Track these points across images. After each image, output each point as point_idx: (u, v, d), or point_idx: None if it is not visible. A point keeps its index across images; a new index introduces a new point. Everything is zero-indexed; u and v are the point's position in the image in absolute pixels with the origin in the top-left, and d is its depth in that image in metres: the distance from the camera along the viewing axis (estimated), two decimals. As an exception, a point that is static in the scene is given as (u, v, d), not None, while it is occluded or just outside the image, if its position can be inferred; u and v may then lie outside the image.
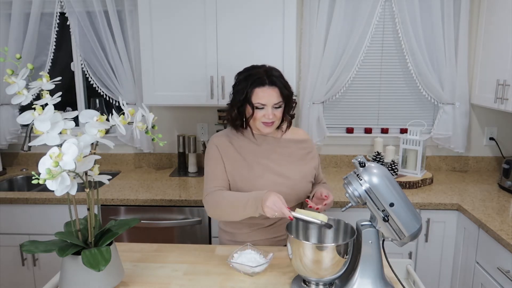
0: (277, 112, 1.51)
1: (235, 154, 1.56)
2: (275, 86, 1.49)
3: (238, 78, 1.55)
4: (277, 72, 1.53)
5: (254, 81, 1.48)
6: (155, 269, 1.38)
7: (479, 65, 2.49)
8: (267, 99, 1.48)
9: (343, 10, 2.48)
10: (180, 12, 2.27)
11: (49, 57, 2.66)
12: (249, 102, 1.50)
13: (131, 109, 1.15)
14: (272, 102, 1.49)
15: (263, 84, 1.48)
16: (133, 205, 2.18)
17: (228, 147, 1.57)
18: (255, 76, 1.49)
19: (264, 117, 1.50)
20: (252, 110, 1.50)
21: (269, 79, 1.48)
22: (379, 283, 1.19)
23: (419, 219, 1.19)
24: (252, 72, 1.52)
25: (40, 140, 1.05)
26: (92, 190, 1.16)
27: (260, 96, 1.48)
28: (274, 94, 1.49)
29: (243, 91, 1.50)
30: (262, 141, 1.60)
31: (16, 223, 2.24)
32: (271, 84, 1.48)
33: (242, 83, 1.51)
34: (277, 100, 1.49)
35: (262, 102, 1.48)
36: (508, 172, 2.25)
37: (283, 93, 1.50)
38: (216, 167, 1.55)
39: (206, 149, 1.62)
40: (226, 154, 1.56)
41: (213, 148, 1.58)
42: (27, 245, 1.16)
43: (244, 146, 1.58)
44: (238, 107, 1.53)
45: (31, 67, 1.09)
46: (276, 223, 1.58)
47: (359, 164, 1.17)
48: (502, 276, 1.70)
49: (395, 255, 1.65)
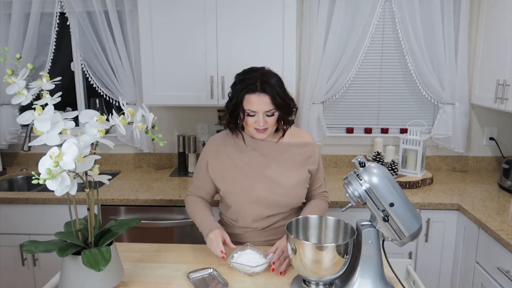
0: (269, 120, 1.46)
1: (226, 159, 1.55)
2: (266, 94, 1.42)
3: (235, 79, 1.52)
4: (273, 78, 1.47)
5: (245, 86, 1.44)
6: (155, 269, 1.38)
7: (479, 65, 2.49)
8: (258, 106, 1.43)
9: (343, 10, 2.48)
10: (180, 12, 2.27)
11: (49, 57, 2.66)
12: (240, 107, 1.46)
13: (131, 109, 1.15)
14: (263, 109, 1.44)
15: (254, 91, 1.42)
16: (133, 205, 2.18)
17: (221, 152, 1.57)
18: (248, 82, 1.44)
19: (256, 123, 1.47)
20: (243, 116, 1.48)
21: (261, 86, 1.42)
22: (379, 283, 1.19)
23: (419, 219, 1.19)
24: (247, 76, 1.47)
25: (40, 140, 1.05)
26: (92, 190, 1.16)
27: (251, 102, 1.44)
28: (265, 101, 1.43)
29: (235, 95, 1.47)
30: (258, 145, 1.56)
31: (16, 223, 2.24)
32: (262, 92, 1.42)
33: (236, 87, 1.48)
34: (268, 108, 1.44)
35: (253, 109, 1.44)
36: (508, 172, 2.25)
37: (275, 101, 1.43)
38: (199, 177, 1.62)
39: (201, 152, 1.63)
40: (217, 161, 1.56)
41: (203, 158, 1.61)
42: (27, 245, 1.16)
43: (238, 150, 1.56)
44: (231, 111, 1.50)
45: (31, 67, 1.09)
46: (269, 226, 1.57)
47: (359, 164, 1.17)
48: (502, 276, 1.70)
49: (395, 255, 1.65)
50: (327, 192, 1.71)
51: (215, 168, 1.57)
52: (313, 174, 1.61)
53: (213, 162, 1.57)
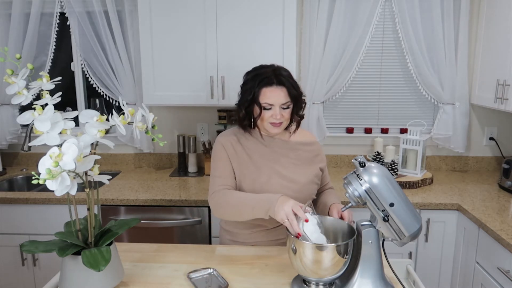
0: (285, 113, 1.49)
1: (242, 154, 1.54)
2: (283, 86, 1.46)
3: (246, 77, 1.52)
4: (286, 72, 1.50)
5: (261, 80, 1.46)
6: (155, 269, 1.38)
7: (479, 65, 2.49)
8: (275, 99, 1.45)
9: (343, 10, 2.48)
10: (180, 12, 2.27)
11: (49, 57, 2.66)
12: (256, 102, 1.47)
13: (131, 109, 1.15)
14: (280, 102, 1.46)
15: (271, 83, 1.45)
16: (133, 205, 2.18)
17: (236, 147, 1.55)
18: (263, 76, 1.46)
19: (272, 117, 1.47)
20: (260, 110, 1.48)
21: (277, 78, 1.45)
22: (379, 283, 1.19)
23: (419, 219, 1.19)
24: (260, 71, 1.49)
25: (40, 140, 1.05)
26: (92, 190, 1.16)
27: (267, 96, 1.45)
28: (282, 94, 1.46)
29: (250, 90, 1.48)
30: (270, 143, 1.57)
31: (16, 223, 2.24)
32: (279, 84, 1.45)
33: (250, 83, 1.49)
34: (285, 100, 1.46)
35: (270, 102, 1.46)
36: (508, 172, 2.25)
37: (291, 93, 1.47)
38: (224, 166, 1.53)
39: (213, 149, 1.59)
40: (233, 154, 1.54)
41: (219, 147, 1.56)
42: (27, 245, 1.16)
43: (252, 147, 1.56)
44: (246, 107, 1.50)
45: (31, 67, 1.09)
46: (280, 225, 1.56)
47: (359, 164, 1.17)
48: (502, 276, 1.70)
49: (395, 255, 1.65)
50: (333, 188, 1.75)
51: (234, 160, 1.54)
52: (323, 172, 1.64)
53: (231, 156, 1.54)
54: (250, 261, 1.43)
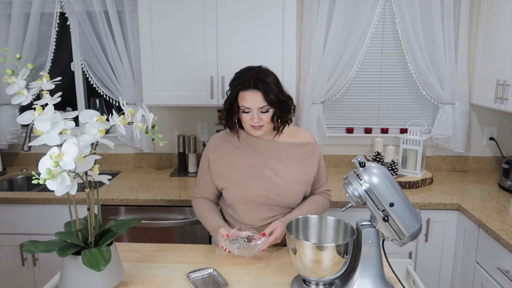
0: (264, 116, 1.48)
1: (225, 156, 1.58)
2: (258, 90, 1.45)
3: (232, 79, 1.55)
4: (268, 76, 1.49)
5: (239, 83, 1.48)
6: (155, 269, 1.38)
7: (479, 65, 2.49)
8: (252, 102, 1.46)
9: (343, 10, 2.48)
10: (180, 12, 2.27)
11: (49, 57, 2.66)
12: (236, 105, 1.49)
13: (131, 109, 1.15)
14: (257, 106, 1.46)
15: (247, 87, 1.46)
16: (133, 205, 2.18)
17: (220, 149, 1.59)
18: (242, 79, 1.48)
19: (251, 120, 1.49)
20: (238, 113, 1.51)
21: (254, 82, 1.45)
22: (379, 283, 1.19)
23: (419, 219, 1.19)
24: (241, 74, 1.51)
25: (40, 140, 1.05)
26: (92, 190, 1.16)
27: (245, 99, 1.47)
28: (258, 98, 1.45)
29: (231, 93, 1.51)
30: (255, 143, 1.58)
31: (16, 223, 2.24)
32: (254, 88, 1.45)
33: (232, 84, 1.52)
34: (261, 104, 1.46)
35: (247, 106, 1.47)
36: (508, 172, 2.25)
37: (268, 98, 1.46)
38: (203, 177, 1.64)
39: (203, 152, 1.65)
40: (218, 159, 1.58)
41: (204, 155, 1.64)
42: (27, 245, 1.16)
43: (237, 148, 1.58)
44: (228, 109, 1.53)
45: (31, 67, 1.09)
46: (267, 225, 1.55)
47: (359, 164, 1.17)
48: (502, 276, 1.70)
49: (395, 255, 1.65)
50: (330, 190, 1.72)
51: (214, 164, 1.59)
52: (315, 174, 1.61)
53: (212, 159, 1.60)
54: (250, 261, 1.43)
